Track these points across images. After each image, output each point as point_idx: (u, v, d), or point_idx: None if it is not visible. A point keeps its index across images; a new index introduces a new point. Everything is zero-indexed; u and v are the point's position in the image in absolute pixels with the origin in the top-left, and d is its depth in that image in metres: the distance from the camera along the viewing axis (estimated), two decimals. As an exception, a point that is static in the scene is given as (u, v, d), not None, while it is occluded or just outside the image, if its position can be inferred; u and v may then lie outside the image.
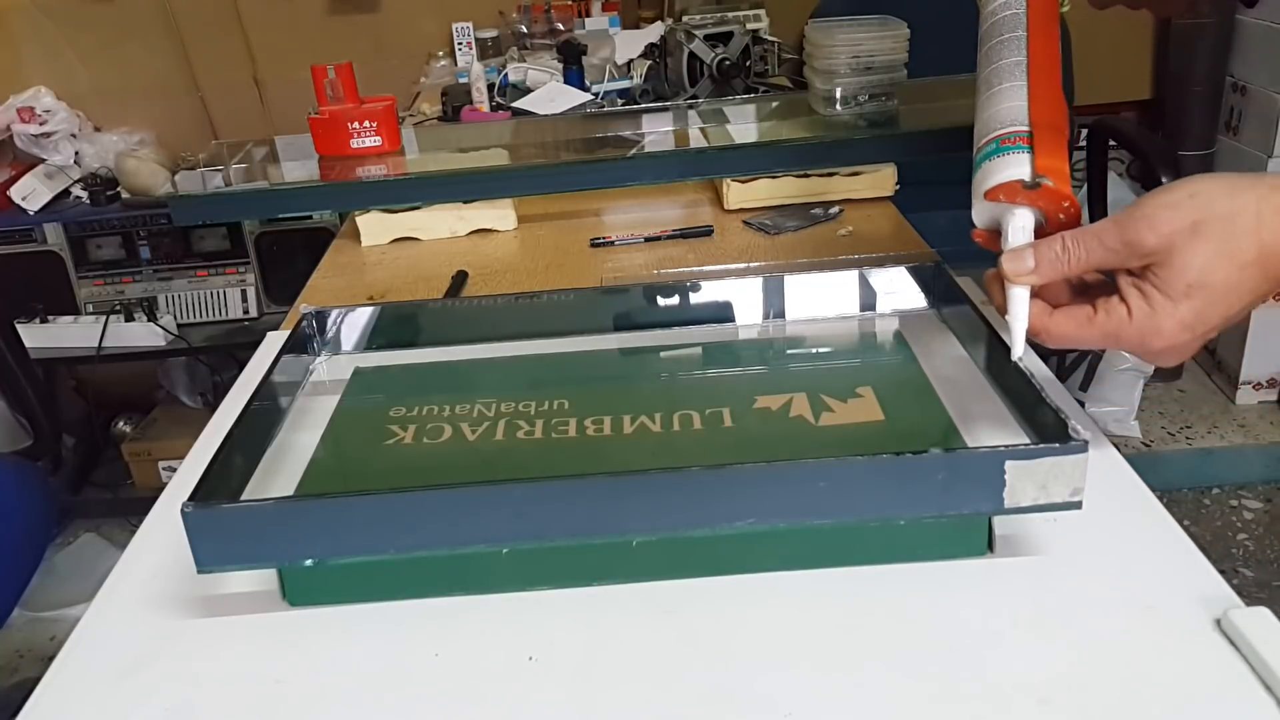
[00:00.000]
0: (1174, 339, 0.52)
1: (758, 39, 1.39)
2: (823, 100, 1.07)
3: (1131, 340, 0.53)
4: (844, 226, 1.04)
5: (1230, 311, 0.51)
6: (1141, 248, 0.51)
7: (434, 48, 2.02)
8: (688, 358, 0.73)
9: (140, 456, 2.13)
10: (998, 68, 0.61)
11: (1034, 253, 0.55)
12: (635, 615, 0.50)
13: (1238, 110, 2.03)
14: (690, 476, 0.48)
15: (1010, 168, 0.57)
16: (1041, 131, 0.58)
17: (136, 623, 0.52)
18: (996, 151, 0.58)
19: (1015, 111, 0.59)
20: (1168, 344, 0.52)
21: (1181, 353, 0.53)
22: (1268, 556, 1.79)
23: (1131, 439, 2.04)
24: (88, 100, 2.14)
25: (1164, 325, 0.51)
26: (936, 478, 0.47)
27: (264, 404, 0.62)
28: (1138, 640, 0.46)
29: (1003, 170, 0.57)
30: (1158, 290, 0.51)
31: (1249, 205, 0.50)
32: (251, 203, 1.14)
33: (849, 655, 0.46)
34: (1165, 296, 0.51)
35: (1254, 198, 0.50)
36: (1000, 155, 0.58)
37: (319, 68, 1.05)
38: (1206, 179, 0.51)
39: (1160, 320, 0.51)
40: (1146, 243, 0.51)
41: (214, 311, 2.07)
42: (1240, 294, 0.51)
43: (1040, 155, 0.56)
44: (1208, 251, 0.50)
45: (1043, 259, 0.54)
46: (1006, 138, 0.58)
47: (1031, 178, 0.56)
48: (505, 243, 1.07)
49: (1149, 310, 0.52)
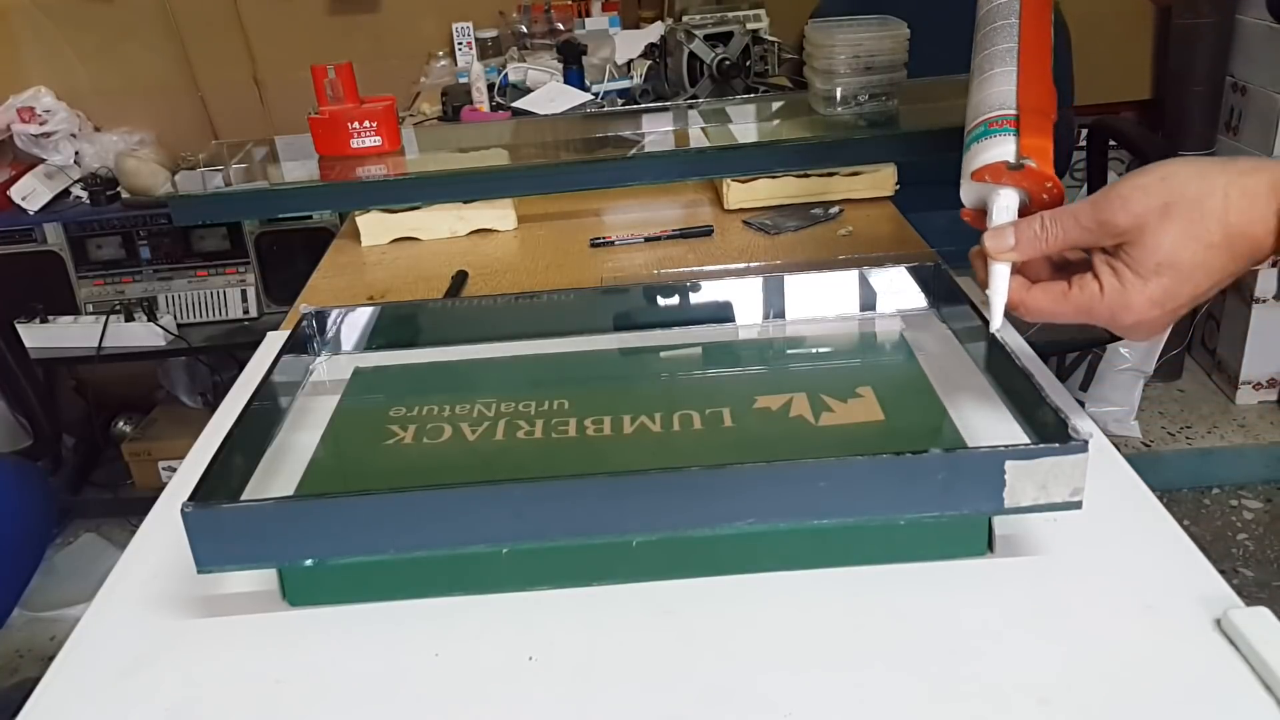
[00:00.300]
0: (1143, 314, 0.54)
1: (758, 39, 1.39)
2: (823, 100, 1.07)
3: (1103, 315, 0.55)
4: (844, 226, 1.04)
5: (1199, 290, 0.53)
6: (1114, 227, 0.54)
7: (434, 48, 2.02)
8: (688, 358, 0.73)
9: (140, 456, 2.13)
10: (990, 54, 0.63)
11: (1014, 231, 0.57)
12: (635, 615, 0.50)
13: (1238, 110, 2.03)
14: (690, 476, 0.48)
15: (996, 149, 0.59)
16: (1028, 115, 0.60)
17: (136, 623, 0.52)
18: (984, 134, 0.61)
19: (1004, 96, 0.61)
20: (1137, 319, 0.54)
21: (1152, 328, 0.56)
22: (1268, 556, 1.79)
23: (1131, 439, 2.04)
24: (88, 100, 2.14)
25: (1134, 301, 0.54)
26: (936, 478, 0.47)
27: (264, 404, 0.62)
28: (1138, 640, 0.46)
29: (989, 152, 0.60)
30: (1129, 268, 0.54)
31: (1217, 189, 0.52)
32: (251, 203, 1.13)
33: (849, 655, 0.46)
34: (1136, 274, 0.53)
35: (1223, 182, 0.52)
36: (987, 137, 0.60)
37: (319, 68, 1.05)
38: (1179, 163, 0.54)
39: (1130, 296, 0.54)
40: (1119, 223, 0.53)
41: (214, 311, 2.07)
42: (1208, 272, 0.53)
43: (1025, 138, 0.59)
44: (1177, 232, 0.52)
45: (1022, 237, 0.57)
46: (994, 120, 0.60)
47: (1015, 159, 0.58)
48: (505, 243, 1.07)
49: (1120, 287, 0.54)
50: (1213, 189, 0.52)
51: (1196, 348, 2.24)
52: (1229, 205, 0.52)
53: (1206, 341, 2.20)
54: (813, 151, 1.03)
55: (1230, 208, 0.52)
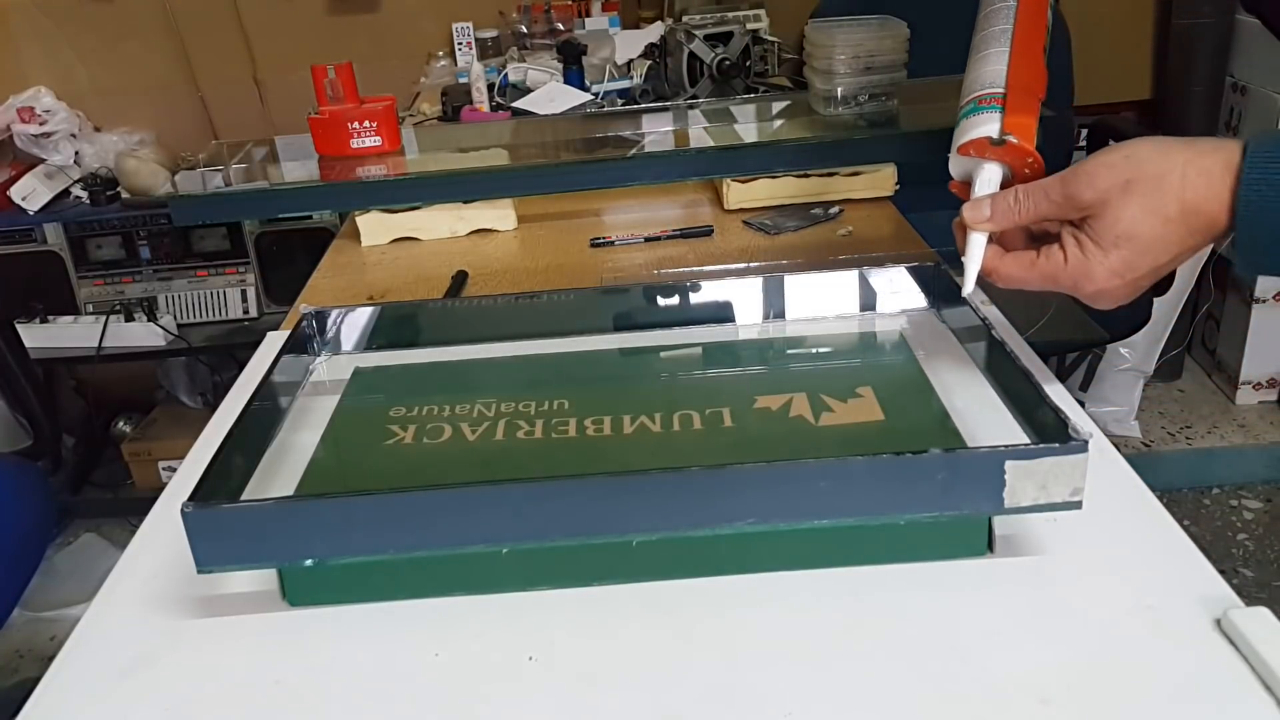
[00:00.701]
0: (1104, 284, 0.58)
1: (758, 39, 1.39)
2: (823, 100, 1.07)
3: (1067, 283, 0.59)
4: (844, 226, 1.04)
5: (1158, 262, 0.57)
6: (1079, 201, 0.57)
7: (434, 48, 2.01)
8: (688, 358, 0.73)
9: (140, 456, 2.13)
10: (987, 34, 0.67)
11: (991, 203, 0.61)
12: (635, 615, 0.50)
13: (1237, 110, 2.03)
14: (690, 476, 0.48)
15: (982, 126, 0.63)
16: (1015, 94, 0.63)
17: (136, 623, 0.52)
18: (974, 110, 0.64)
19: (995, 75, 0.65)
20: (1098, 288, 0.58)
21: (1114, 296, 0.59)
22: (1268, 556, 1.79)
23: (1131, 439, 2.04)
24: (88, 100, 2.14)
25: (1094, 271, 0.57)
26: (936, 478, 0.47)
27: (264, 404, 0.62)
28: (1138, 640, 0.46)
29: (975, 128, 0.63)
30: (1091, 240, 0.57)
31: (1176, 167, 0.55)
32: (251, 203, 1.13)
33: (849, 655, 0.46)
34: (1097, 246, 0.57)
35: (1181, 160, 0.55)
36: (976, 114, 0.64)
37: (319, 68, 1.05)
38: (1144, 142, 0.56)
39: (1091, 266, 0.57)
40: (1084, 197, 0.57)
41: (214, 311, 2.07)
42: (1167, 246, 0.56)
43: (1010, 116, 0.63)
44: (1136, 207, 0.55)
45: (997, 209, 0.61)
46: (984, 98, 0.64)
47: (999, 136, 0.62)
48: (505, 243, 1.07)
49: (1082, 257, 0.57)
50: (1172, 167, 0.55)
51: (1196, 348, 2.24)
52: (1186, 183, 0.54)
53: (1206, 341, 2.20)
54: (813, 151, 1.03)
55: (1187, 185, 0.54)
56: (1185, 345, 2.20)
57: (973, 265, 0.62)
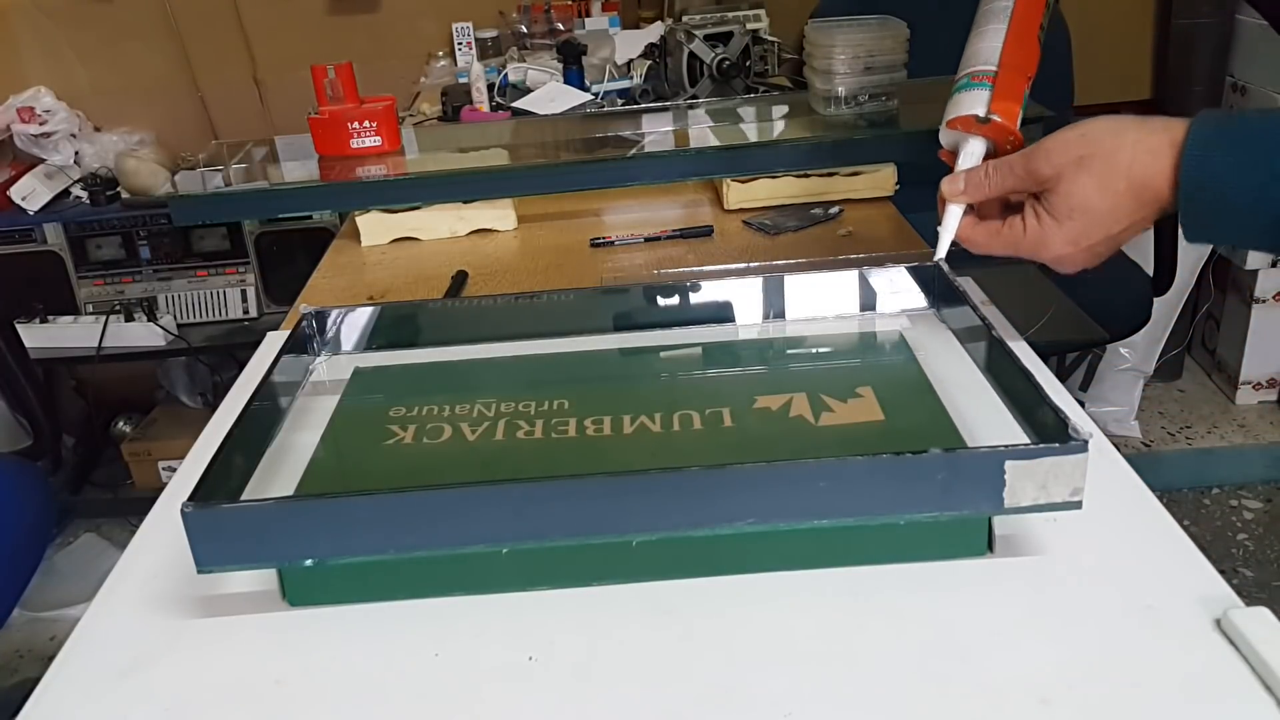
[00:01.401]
0: (1059, 251, 0.63)
1: (758, 39, 1.39)
2: (823, 100, 1.07)
3: (1026, 250, 0.64)
4: (844, 226, 1.04)
5: (1110, 231, 0.61)
6: (1039, 175, 0.62)
7: (434, 48, 2.02)
8: (688, 358, 0.73)
9: (140, 456, 2.13)
10: (988, 10, 0.70)
11: (965, 178, 0.67)
12: (635, 615, 0.50)
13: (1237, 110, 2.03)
14: (690, 476, 0.48)
15: (971, 102, 0.67)
16: (1006, 73, 0.67)
17: (136, 623, 0.52)
18: (966, 86, 0.68)
19: (989, 52, 0.68)
20: (1056, 255, 0.63)
21: (1073, 262, 0.64)
22: (1268, 556, 1.79)
23: (1131, 439, 2.04)
24: (88, 100, 2.14)
25: (1050, 239, 0.63)
26: (936, 478, 0.47)
27: (264, 404, 0.62)
28: (1138, 640, 0.46)
29: (964, 104, 0.67)
30: (1047, 212, 0.62)
31: (1126, 144, 0.59)
32: (251, 203, 1.14)
33: (849, 655, 0.46)
34: (1052, 217, 0.62)
35: (1132, 139, 0.59)
36: (967, 90, 0.68)
37: (319, 68, 1.05)
38: (1099, 121, 0.61)
39: (1048, 235, 0.63)
40: (1042, 172, 0.62)
41: (214, 311, 2.07)
42: (1118, 218, 0.61)
43: (997, 95, 0.67)
44: (1088, 181, 0.60)
45: (970, 182, 0.67)
46: (976, 74, 0.68)
47: (985, 113, 0.66)
48: (505, 243, 1.07)
49: (1039, 227, 0.63)
50: (1122, 145, 0.59)
51: (1196, 348, 2.24)
52: (1135, 160, 0.59)
53: (1206, 341, 2.20)
54: (813, 151, 1.03)
55: (1135, 162, 0.59)
56: (1185, 345, 2.20)
57: (946, 234, 0.68)
